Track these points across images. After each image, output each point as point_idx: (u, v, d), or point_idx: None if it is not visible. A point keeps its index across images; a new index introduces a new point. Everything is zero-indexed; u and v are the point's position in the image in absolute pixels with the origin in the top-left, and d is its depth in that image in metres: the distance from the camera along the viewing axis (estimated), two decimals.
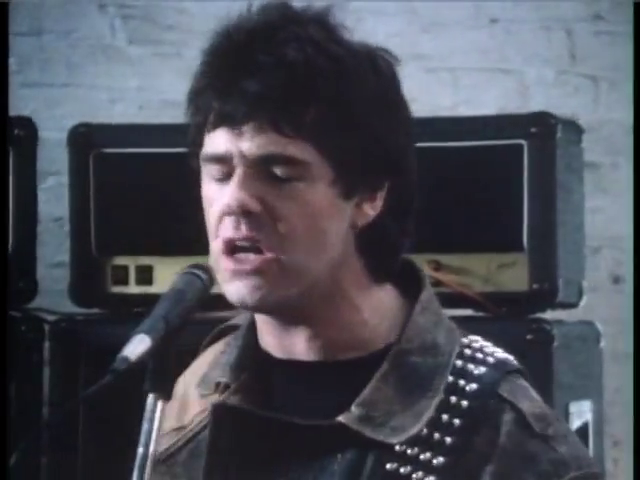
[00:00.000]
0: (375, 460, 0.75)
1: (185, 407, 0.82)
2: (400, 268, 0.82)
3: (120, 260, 2.07)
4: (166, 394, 0.64)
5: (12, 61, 3.69)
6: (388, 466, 0.74)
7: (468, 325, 1.61)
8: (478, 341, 0.84)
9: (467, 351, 0.81)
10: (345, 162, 0.74)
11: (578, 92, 2.78)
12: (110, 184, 2.04)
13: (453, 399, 0.77)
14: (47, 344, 1.92)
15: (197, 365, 0.84)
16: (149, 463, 0.62)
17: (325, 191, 0.74)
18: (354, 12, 4.16)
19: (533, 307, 1.66)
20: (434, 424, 0.76)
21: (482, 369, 0.80)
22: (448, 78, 3.38)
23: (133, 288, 2.08)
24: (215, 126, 0.74)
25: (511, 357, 0.85)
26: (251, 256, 0.72)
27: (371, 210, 0.77)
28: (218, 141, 0.74)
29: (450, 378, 0.78)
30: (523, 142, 1.53)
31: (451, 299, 1.60)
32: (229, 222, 0.72)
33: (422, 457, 0.75)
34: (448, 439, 0.76)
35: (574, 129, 1.63)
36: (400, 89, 0.83)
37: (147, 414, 0.63)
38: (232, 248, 0.72)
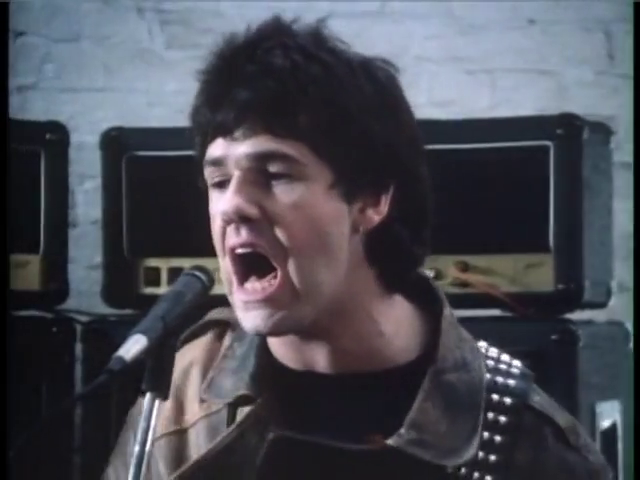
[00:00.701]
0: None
1: (181, 409, 0.81)
2: (415, 283, 0.82)
3: (152, 262, 2.09)
4: (163, 394, 0.64)
5: (50, 67, 3.75)
6: None
7: (496, 325, 1.61)
8: (490, 349, 0.83)
9: (490, 362, 0.81)
10: (343, 165, 0.74)
11: (616, 93, 2.75)
12: (142, 186, 2.07)
13: (491, 415, 0.77)
14: (79, 345, 1.95)
15: (185, 361, 0.82)
16: (145, 462, 0.62)
17: (324, 193, 0.74)
18: (391, 15, 4.16)
19: (559, 307, 1.65)
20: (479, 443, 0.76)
21: (511, 381, 0.80)
22: (486, 80, 3.35)
23: (165, 289, 2.10)
24: (212, 138, 0.75)
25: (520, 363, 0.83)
26: (259, 285, 0.72)
27: (375, 215, 0.76)
28: (215, 148, 0.75)
29: (484, 393, 0.78)
30: (549, 143, 1.52)
31: (479, 300, 1.60)
32: (230, 231, 0.73)
33: (474, 477, 0.76)
34: (492, 457, 0.76)
35: (602, 130, 1.61)
36: (401, 95, 0.82)
37: (144, 413, 0.63)
38: (243, 275, 0.72)
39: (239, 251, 0.73)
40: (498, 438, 0.76)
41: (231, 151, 0.74)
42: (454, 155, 1.61)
